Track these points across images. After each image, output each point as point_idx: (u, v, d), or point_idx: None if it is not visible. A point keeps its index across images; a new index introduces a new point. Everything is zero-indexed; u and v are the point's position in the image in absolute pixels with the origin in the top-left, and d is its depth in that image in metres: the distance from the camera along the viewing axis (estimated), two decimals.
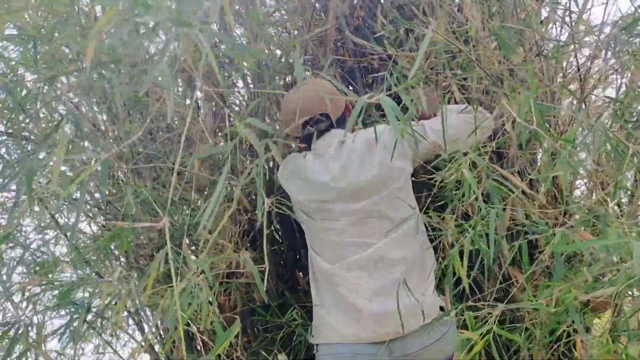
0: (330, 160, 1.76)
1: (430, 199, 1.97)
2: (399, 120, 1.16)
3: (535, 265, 1.70)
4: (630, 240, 0.88)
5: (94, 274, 2.03)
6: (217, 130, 2.18)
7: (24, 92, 1.85)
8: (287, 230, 2.19)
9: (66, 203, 2.01)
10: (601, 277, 1.40)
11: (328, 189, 1.73)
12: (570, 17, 2.10)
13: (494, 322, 1.05)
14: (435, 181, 1.67)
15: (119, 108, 1.88)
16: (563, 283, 1.05)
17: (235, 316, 2.06)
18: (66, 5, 1.74)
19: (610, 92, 2.19)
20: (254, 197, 2.15)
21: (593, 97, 2.10)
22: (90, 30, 1.82)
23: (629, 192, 1.67)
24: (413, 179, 1.82)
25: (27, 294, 1.94)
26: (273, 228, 2.21)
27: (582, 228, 1.24)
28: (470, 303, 1.15)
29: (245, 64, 2.01)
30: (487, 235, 1.22)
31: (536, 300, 1.08)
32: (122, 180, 2.12)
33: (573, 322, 1.11)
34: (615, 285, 0.92)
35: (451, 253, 1.27)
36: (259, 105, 2.02)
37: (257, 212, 1.39)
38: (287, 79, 2.24)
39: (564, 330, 1.29)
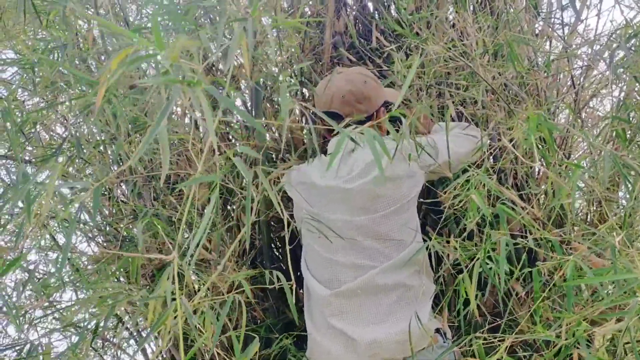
0: (337, 166, 1.69)
1: (427, 216, 1.98)
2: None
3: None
4: None
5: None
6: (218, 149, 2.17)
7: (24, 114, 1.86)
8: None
9: (67, 224, 2.00)
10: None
11: (328, 193, 1.67)
12: (564, 30, 2.12)
13: (504, 350, 1.06)
14: (438, 199, 1.65)
15: (122, 129, 1.87)
16: (572, 314, 1.06)
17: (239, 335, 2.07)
18: (63, 30, 1.74)
19: (606, 104, 2.21)
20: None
21: (589, 109, 2.12)
22: (88, 53, 1.83)
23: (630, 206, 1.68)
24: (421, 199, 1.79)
25: (29, 316, 1.94)
26: (273, 245, 2.19)
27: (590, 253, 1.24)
28: (478, 334, 1.15)
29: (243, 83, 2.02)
30: (495, 260, 1.22)
31: (545, 330, 1.09)
32: (122, 200, 2.12)
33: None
34: (626, 315, 0.93)
35: (460, 278, 1.26)
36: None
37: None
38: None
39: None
